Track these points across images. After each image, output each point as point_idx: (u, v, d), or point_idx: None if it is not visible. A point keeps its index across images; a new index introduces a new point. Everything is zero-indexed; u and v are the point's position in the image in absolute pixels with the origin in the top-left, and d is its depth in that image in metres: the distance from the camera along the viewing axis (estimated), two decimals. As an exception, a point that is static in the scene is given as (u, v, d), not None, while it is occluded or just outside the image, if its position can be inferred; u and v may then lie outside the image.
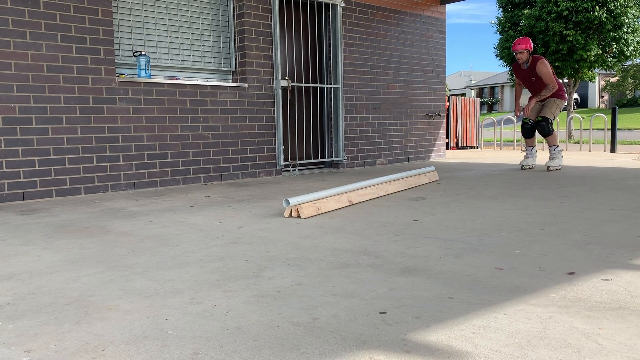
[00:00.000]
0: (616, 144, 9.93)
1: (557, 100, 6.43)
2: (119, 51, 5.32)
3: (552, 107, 6.38)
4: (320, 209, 3.68)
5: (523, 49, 6.25)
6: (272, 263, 2.38)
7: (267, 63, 6.23)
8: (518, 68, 6.45)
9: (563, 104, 6.52)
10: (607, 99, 38.17)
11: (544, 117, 6.28)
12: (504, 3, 17.98)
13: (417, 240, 2.78)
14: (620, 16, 15.51)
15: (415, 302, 1.82)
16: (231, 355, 1.44)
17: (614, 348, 1.43)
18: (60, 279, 2.21)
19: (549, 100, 6.40)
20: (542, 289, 1.94)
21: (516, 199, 4.14)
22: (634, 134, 18.16)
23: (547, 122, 6.28)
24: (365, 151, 7.47)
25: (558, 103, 6.44)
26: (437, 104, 8.57)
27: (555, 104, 6.40)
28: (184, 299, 1.92)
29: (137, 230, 3.21)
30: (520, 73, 6.48)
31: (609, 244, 2.60)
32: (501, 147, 11.84)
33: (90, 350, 1.50)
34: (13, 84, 4.51)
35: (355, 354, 1.43)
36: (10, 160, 4.53)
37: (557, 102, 6.43)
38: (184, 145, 5.57)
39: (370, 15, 7.40)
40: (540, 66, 6.21)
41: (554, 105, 6.38)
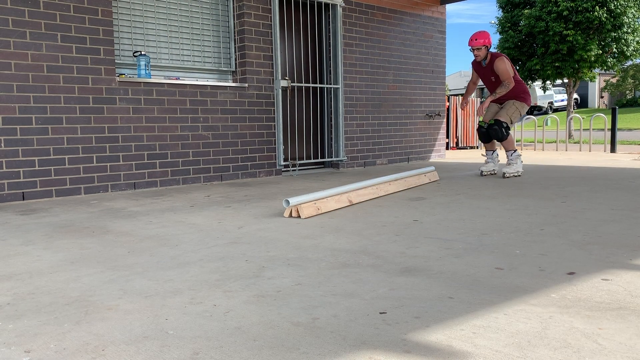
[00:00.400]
0: (616, 144, 9.93)
1: (516, 102, 5.75)
2: (119, 51, 5.32)
3: (509, 109, 5.71)
4: (320, 209, 3.68)
5: (480, 45, 5.59)
6: (272, 263, 2.38)
7: (267, 63, 6.23)
8: (477, 66, 5.85)
9: (524, 109, 5.80)
10: (607, 99, 38.18)
11: (496, 120, 5.64)
12: (504, 3, 17.98)
13: (417, 240, 2.78)
14: (620, 16, 15.51)
15: (415, 302, 1.82)
16: (231, 355, 1.44)
17: (614, 348, 1.43)
18: (60, 279, 2.21)
19: (508, 102, 5.76)
20: (542, 289, 1.94)
21: (516, 199, 4.13)
22: (634, 134, 18.16)
23: (499, 126, 5.62)
24: (365, 151, 7.47)
25: (517, 106, 5.74)
26: (437, 104, 8.56)
27: (514, 106, 5.73)
28: (184, 299, 1.92)
29: (137, 230, 3.21)
30: (480, 71, 5.86)
31: (609, 244, 2.60)
32: (501, 147, 11.85)
33: (90, 350, 1.50)
34: (13, 84, 4.51)
35: (355, 354, 1.43)
36: (10, 160, 4.53)
37: (516, 104, 5.74)
38: (184, 145, 5.57)
39: (370, 15, 7.40)
40: (498, 63, 5.58)
41: (512, 107, 5.72)
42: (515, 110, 5.72)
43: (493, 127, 5.64)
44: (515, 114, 5.74)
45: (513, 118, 5.72)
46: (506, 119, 5.66)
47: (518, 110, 5.74)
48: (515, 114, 5.74)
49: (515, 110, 5.72)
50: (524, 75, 17.79)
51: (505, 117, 5.66)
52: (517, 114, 5.75)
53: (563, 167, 6.80)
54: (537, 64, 16.88)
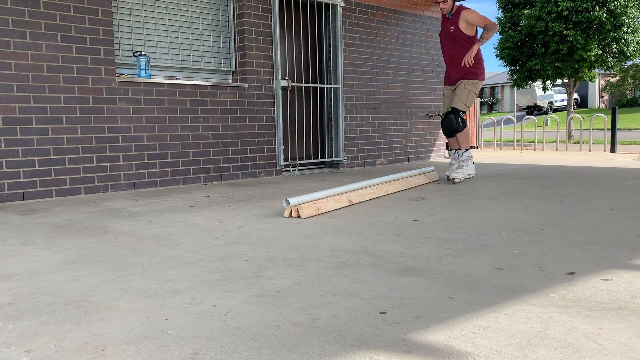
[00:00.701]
0: (616, 144, 9.93)
1: (467, 83, 5.04)
2: (119, 51, 5.32)
3: (462, 94, 5.00)
4: (320, 209, 3.68)
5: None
6: (272, 263, 2.38)
7: (267, 63, 6.23)
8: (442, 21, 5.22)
9: (477, 86, 5.08)
10: (607, 99, 38.18)
11: (452, 109, 4.97)
12: (504, 3, 17.98)
13: (417, 240, 2.78)
14: (620, 16, 15.52)
15: (415, 302, 1.82)
16: (231, 355, 1.44)
17: (614, 348, 1.43)
18: (60, 279, 2.21)
19: (459, 85, 5.06)
20: (542, 289, 1.94)
21: (516, 199, 4.13)
22: (634, 134, 18.16)
23: (456, 115, 4.95)
24: (365, 151, 7.47)
25: (470, 87, 5.03)
26: (437, 104, 8.56)
27: (466, 89, 5.02)
28: (184, 299, 1.92)
29: (137, 230, 3.21)
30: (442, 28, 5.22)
31: (609, 244, 2.60)
32: (501, 147, 11.85)
33: (90, 350, 1.50)
34: (13, 84, 4.51)
35: (355, 354, 1.43)
36: (10, 160, 4.53)
37: (467, 85, 5.03)
38: (184, 145, 5.57)
39: (370, 15, 7.40)
40: (467, 13, 4.94)
41: (465, 91, 5.01)
42: (469, 94, 5.07)
43: (448, 116, 5.01)
44: (470, 97, 5.09)
45: (468, 102, 5.10)
46: (461, 107, 5.01)
47: (472, 92, 5.09)
48: (470, 97, 5.09)
49: (469, 94, 5.07)
50: (524, 75, 17.79)
51: (460, 104, 5.01)
52: (471, 97, 5.11)
53: (563, 167, 6.80)
54: (537, 64, 16.88)
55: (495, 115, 38.49)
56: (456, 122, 4.93)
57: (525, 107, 35.60)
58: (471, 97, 5.05)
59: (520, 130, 12.85)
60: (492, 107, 45.97)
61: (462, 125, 4.96)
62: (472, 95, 5.04)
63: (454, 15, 5.03)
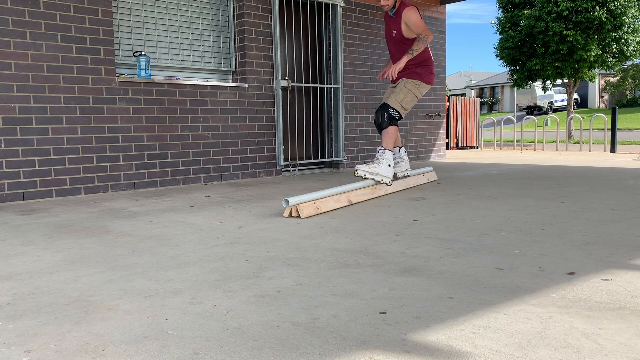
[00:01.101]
0: (616, 144, 9.93)
1: (408, 82, 4.53)
2: (119, 51, 5.32)
3: (399, 92, 4.50)
4: (320, 208, 3.68)
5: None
6: (272, 263, 2.38)
7: (267, 63, 6.23)
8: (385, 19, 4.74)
9: (420, 89, 4.56)
10: (607, 99, 38.19)
11: (384, 104, 4.54)
12: (504, 3, 17.99)
13: (417, 240, 2.78)
14: (620, 16, 15.52)
15: (415, 302, 1.82)
16: (231, 355, 1.44)
17: (614, 348, 1.43)
18: (60, 279, 2.21)
19: (400, 82, 4.57)
20: (542, 289, 1.94)
21: (516, 199, 4.13)
22: (634, 134, 18.16)
23: (384, 110, 4.48)
24: (365, 151, 7.47)
25: (411, 87, 4.52)
26: (437, 104, 8.56)
27: (406, 88, 4.51)
28: (184, 299, 1.92)
29: (137, 230, 3.21)
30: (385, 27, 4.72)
31: (609, 244, 2.60)
32: (501, 147, 11.85)
33: (90, 350, 1.50)
34: (13, 84, 4.51)
35: (355, 354, 1.43)
36: (10, 160, 4.53)
37: (409, 85, 4.52)
38: (184, 145, 5.57)
39: (370, 15, 7.40)
40: (408, 12, 4.41)
41: (404, 90, 4.50)
42: (408, 94, 4.50)
43: (376, 111, 4.55)
44: (408, 97, 4.51)
45: (405, 103, 4.51)
46: (395, 105, 4.49)
47: (411, 93, 4.51)
48: (408, 97, 4.51)
49: (408, 94, 4.50)
50: (524, 75, 17.79)
51: (393, 101, 4.50)
52: (409, 97, 4.52)
53: (563, 167, 6.80)
54: (537, 64, 16.88)
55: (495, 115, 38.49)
56: (381, 116, 4.46)
57: (525, 107, 35.61)
58: (409, 97, 4.51)
59: (520, 130, 12.86)
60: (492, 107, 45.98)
61: (387, 122, 4.44)
62: (410, 95, 4.50)
63: (396, 14, 4.51)
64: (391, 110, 4.47)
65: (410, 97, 4.52)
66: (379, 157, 4.38)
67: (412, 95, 4.53)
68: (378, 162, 4.36)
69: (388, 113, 4.46)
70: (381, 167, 4.34)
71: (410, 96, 4.52)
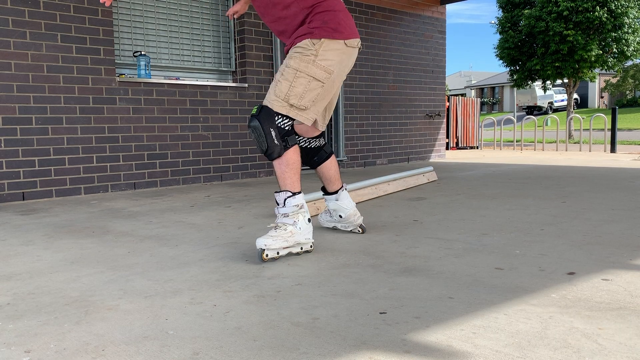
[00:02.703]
0: (616, 144, 9.93)
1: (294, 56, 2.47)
2: (119, 51, 5.32)
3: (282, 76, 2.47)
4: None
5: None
6: (272, 263, 2.38)
7: (267, 63, 6.23)
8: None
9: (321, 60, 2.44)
10: (607, 99, 38.18)
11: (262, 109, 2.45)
12: (504, 3, 17.99)
13: (417, 240, 2.78)
14: (620, 16, 15.52)
15: (415, 302, 1.82)
16: (231, 355, 1.44)
17: (614, 348, 1.43)
18: (60, 279, 2.21)
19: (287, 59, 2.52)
20: (542, 289, 1.94)
21: (516, 199, 4.13)
22: (634, 134, 18.16)
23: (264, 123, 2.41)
24: (365, 151, 7.47)
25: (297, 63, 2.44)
26: (437, 104, 8.56)
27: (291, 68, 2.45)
28: (184, 299, 1.92)
29: (137, 230, 3.21)
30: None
31: (609, 244, 2.60)
32: (501, 147, 11.85)
33: (90, 350, 1.50)
34: (13, 84, 4.51)
35: (355, 354, 1.43)
36: (10, 160, 4.53)
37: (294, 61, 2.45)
38: (184, 145, 5.57)
39: (370, 16, 7.40)
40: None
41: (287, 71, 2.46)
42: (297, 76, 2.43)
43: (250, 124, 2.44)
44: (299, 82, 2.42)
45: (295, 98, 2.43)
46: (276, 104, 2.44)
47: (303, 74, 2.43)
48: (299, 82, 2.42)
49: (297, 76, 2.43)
50: (524, 75, 17.78)
51: (273, 98, 2.45)
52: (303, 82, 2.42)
53: (563, 167, 6.80)
54: (537, 64, 16.88)
55: (495, 115, 38.49)
56: (263, 133, 2.39)
57: (525, 107, 35.61)
58: (302, 82, 2.42)
59: (520, 130, 12.86)
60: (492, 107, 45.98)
61: (279, 147, 2.41)
62: (303, 79, 2.42)
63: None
64: (279, 118, 2.42)
65: (302, 80, 2.42)
66: (287, 212, 2.44)
67: (308, 79, 2.43)
68: (289, 220, 2.44)
69: (277, 125, 2.41)
70: (296, 228, 2.43)
71: (303, 80, 2.42)
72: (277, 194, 2.47)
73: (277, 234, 2.39)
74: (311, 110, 2.50)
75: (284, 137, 2.44)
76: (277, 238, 2.37)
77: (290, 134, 2.46)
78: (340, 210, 2.92)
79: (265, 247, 2.35)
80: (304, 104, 2.46)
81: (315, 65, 2.46)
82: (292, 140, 2.47)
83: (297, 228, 2.43)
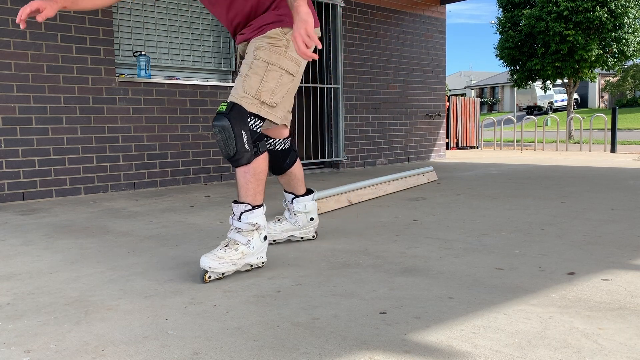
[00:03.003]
0: (616, 144, 9.93)
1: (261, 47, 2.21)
2: (119, 51, 5.32)
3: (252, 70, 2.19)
4: (320, 209, 3.68)
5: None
6: (272, 263, 2.38)
7: (267, 63, 6.22)
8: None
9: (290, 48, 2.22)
10: (607, 99, 38.19)
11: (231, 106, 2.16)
12: (504, 3, 17.99)
13: (417, 240, 2.78)
14: (620, 16, 15.52)
15: (415, 302, 1.82)
16: (231, 355, 1.44)
17: (614, 348, 1.43)
18: (60, 279, 2.21)
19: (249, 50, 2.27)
20: (542, 289, 1.94)
21: (516, 199, 4.13)
22: (634, 134, 18.16)
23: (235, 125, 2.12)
24: (365, 151, 7.47)
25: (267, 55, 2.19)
26: (437, 104, 8.56)
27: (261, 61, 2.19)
28: (184, 299, 1.92)
29: (137, 230, 3.21)
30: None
31: (609, 244, 2.60)
32: (501, 147, 11.85)
33: (90, 350, 1.50)
34: (13, 84, 4.51)
35: (355, 354, 1.43)
36: (10, 160, 4.53)
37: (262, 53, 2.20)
38: (184, 145, 5.57)
39: (370, 15, 7.40)
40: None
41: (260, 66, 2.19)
42: (271, 70, 2.20)
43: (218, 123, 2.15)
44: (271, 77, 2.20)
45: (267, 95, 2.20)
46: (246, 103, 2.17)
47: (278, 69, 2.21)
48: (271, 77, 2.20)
49: (271, 70, 2.20)
50: (524, 75, 17.78)
51: (243, 96, 2.18)
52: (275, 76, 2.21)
53: (563, 167, 6.80)
54: (537, 64, 16.88)
55: (495, 115, 38.49)
56: (233, 135, 2.13)
57: (525, 107, 35.61)
58: (274, 76, 2.20)
59: (520, 130, 12.85)
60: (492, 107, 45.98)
61: (249, 152, 2.16)
62: (275, 72, 2.20)
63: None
64: (250, 122, 2.17)
65: (274, 75, 2.21)
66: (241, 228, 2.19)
67: (278, 71, 2.21)
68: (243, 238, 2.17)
69: (249, 127, 2.16)
70: (248, 248, 2.17)
71: (275, 74, 2.21)
72: (235, 205, 2.20)
73: (226, 255, 2.11)
74: (280, 108, 2.27)
75: (255, 141, 2.19)
76: (224, 261, 2.09)
77: (261, 139, 2.23)
78: (314, 212, 2.75)
79: (210, 270, 2.08)
80: (275, 101, 2.23)
81: (286, 57, 2.24)
82: (263, 146, 2.22)
83: (249, 248, 2.17)
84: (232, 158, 2.16)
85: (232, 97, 2.20)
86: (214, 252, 2.12)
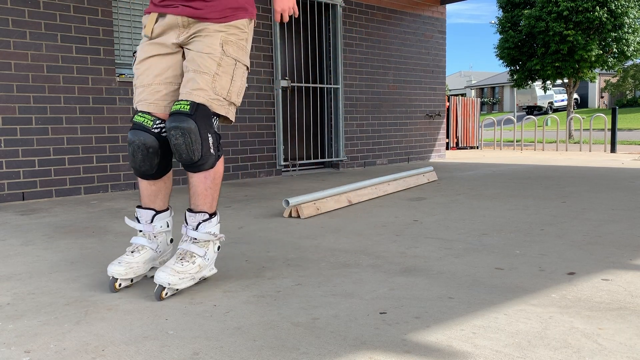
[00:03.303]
0: (616, 144, 9.93)
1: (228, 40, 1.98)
2: (119, 51, 5.32)
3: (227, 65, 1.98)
4: (320, 209, 3.68)
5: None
6: (272, 263, 2.38)
7: (267, 63, 6.23)
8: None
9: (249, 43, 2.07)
10: (607, 99, 38.19)
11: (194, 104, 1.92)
12: (504, 3, 17.99)
13: (417, 240, 2.78)
14: (620, 16, 15.52)
15: (415, 302, 1.82)
16: (231, 355, 1.44)
17: (614, 348, 1.43)
18: (60, 279, 2.21)
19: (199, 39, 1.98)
20: (542, 289, 1.94)
21: (516, 199, 4.13)
22: (634, 134, 18.16)
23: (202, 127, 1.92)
24: (365, 151, 7.47)
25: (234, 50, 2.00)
26: (437, 104, 8.56)
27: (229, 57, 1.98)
28: (184, 299, 1.92)
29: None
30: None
31: (609, 244, 2.60)
32: (501, 147, 11.85)
33: (90, 350, 1.50)
34: (13, 84, 4.51)
35: (355, 354, 1.43)
36: (10, 160, 4.52)
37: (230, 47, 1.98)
38: (184, 145, 5.56)
39: (370, 15, 7.40)
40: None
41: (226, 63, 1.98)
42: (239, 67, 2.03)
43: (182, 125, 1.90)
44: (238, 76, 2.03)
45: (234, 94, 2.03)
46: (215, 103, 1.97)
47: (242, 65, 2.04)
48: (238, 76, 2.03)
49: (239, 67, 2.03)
50: (524, 75, 17.78)
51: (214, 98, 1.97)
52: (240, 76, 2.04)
53: (563, 167, 6.80)
54: (537, 64, 16.88)
55: (495, 115, 38.49)
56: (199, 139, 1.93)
57: (525, 107, 35.61)
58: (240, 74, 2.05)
59: (520, 130, 12.86)
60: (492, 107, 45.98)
61: (214, 155, 1.99)
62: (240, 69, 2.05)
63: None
64: (214, 122, 2.00)
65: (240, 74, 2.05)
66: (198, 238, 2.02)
67: (242, 68, 2.06)
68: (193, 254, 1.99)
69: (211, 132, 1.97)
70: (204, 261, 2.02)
71: (240, 72, 2.05)
72: (191, 214, 2.00)
73: (184, 269, 1.92)
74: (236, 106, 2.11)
75: (219, 144, 2.01)
76: (184, 277, 1.91)
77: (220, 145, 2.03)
78: None
79: (169, 286, 1.88)
80: (240, 100, 2.07)
81: (246, 51, 2.07)
82: (221, 148, 2.04)
83: (205, 260, 2.00)
84: (195, 163, 1.95)
85: (198, 97, 1.94)
86: (170, 266, 1.92)
